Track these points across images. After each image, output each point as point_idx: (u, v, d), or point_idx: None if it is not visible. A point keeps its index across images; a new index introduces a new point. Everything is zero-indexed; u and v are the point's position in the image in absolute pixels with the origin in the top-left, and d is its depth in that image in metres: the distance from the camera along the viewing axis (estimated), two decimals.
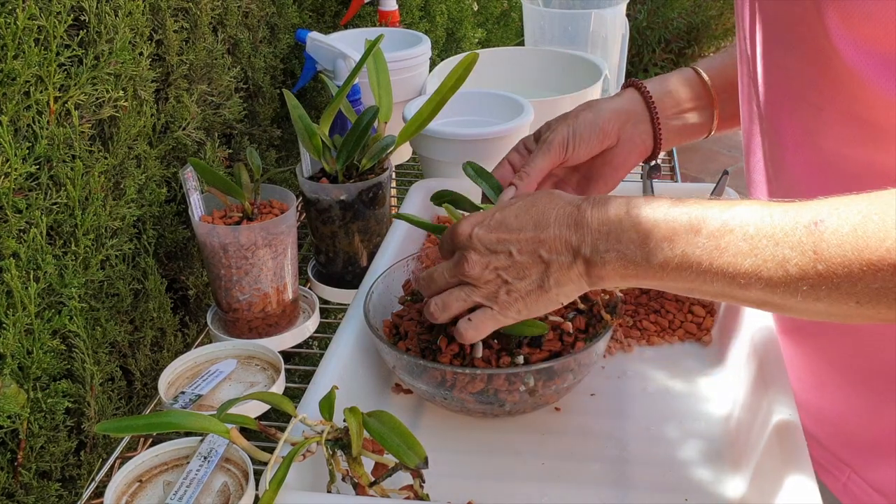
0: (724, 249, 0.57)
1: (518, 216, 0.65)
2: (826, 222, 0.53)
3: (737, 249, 0.56)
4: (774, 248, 0.55)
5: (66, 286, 0.83)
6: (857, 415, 0.75)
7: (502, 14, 2.25)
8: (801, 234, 0.54)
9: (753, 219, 0.56)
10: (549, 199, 0.65)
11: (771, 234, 0.55)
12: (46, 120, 0.81)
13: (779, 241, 0.55)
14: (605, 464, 0.73)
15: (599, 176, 0.86)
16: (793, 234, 0.54)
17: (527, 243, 0.64)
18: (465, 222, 0.68)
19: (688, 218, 0.58)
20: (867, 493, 0.75)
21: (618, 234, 0.61)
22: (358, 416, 0.62)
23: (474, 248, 0.66)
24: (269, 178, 1.24)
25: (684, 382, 0.83)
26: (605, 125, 0.84)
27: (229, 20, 1.14)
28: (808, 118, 0.66)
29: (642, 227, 0.60)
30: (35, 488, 0.82)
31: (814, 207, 0.55)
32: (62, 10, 0.80)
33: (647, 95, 0.87)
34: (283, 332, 0.93)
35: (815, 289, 0.54)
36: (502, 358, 0.74)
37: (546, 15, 1.57)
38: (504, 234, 0.65)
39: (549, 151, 0.81)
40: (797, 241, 0.54)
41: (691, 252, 0.58)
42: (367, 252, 1.00)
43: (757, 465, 0.67)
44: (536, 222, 0.64)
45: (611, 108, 0.85)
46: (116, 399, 0.93)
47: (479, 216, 0.68)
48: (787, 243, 0.54)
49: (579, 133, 0.82)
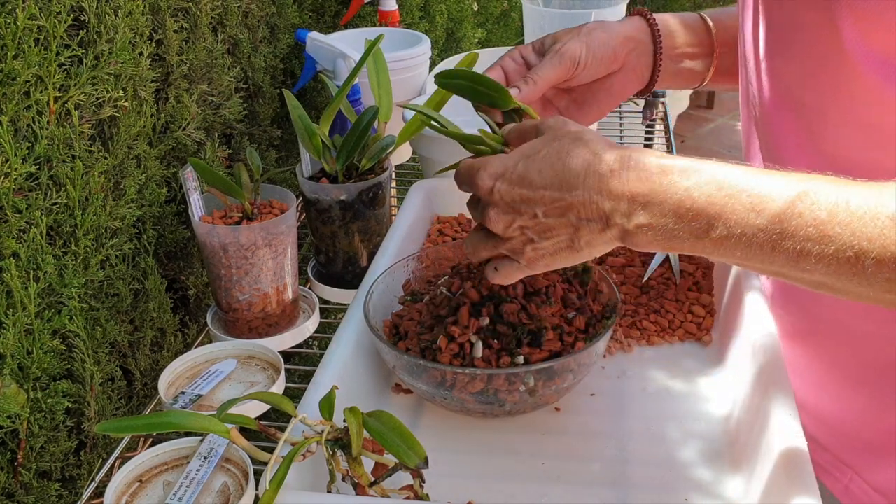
0: (790, 236, 0.51)
1: (542, 171, 0.59)
2: None
3: (805, 235, 0.51)
4: (850, 237, 0.49)
5: (66, 286, 0.83)
6: (857, 416, 0.75)
7: (502, 14, 2.25)
8: (883, 224, 0.49)
9: (826, 201, 0.50)
10: (576, 148, 0.58)
11: (847, 223, 0.49)
12: (46, 120, 0.81)
13: (855, 230, 0.49)
14: (605, 464, 0.73)
15: (594, 101, 0.82)
16: (873, 224, 0.49)
17: (553, 204, 0.59)
18: (484, 173, 0.62)
19: (747, 195, 0.52)
20: (868, 494, 0.75)
21: (660, 205, 0.55)
22: (358, 416, 0.62)
23: (496, 205, 0.61)
24: (269, 178, 1.25)
25: (684, 382, 0.83)
26: (617, 48, 0.79)
27: (229, 20, 1.14)
28: (810, 122, 0.66)
29: (690, 200, 0.54)
30: (35, 488, 0.82)
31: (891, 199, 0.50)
32: (62, 10, 0.80)
33: (656, 28, 0.82)
34: (283, 332, 0.93)
35: (892, 281, 0.49)
36: (502, 358, 0.74)
37: (546, 15, 1.56)
38: (528, 191, 0.59)
39: (560, 64, 0.75)
40: (878, 232, 0.49)
41: (751, 235, 0.52)
42: (367, 252, 1.00)
43: (757, 465, 0.67)
44: (563, 180, 0.58)
45: (623, 33, 0.80)
46: (116, 399, 0.93)
47: (499, 165, 0.61)
48: (866, 235, 0.49)
49: (593, 51, 0.77)
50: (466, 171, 0.64)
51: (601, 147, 0.58)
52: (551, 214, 0.59)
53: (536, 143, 0.61)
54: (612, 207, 0.57)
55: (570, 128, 0.61)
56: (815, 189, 0.51)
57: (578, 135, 0.60)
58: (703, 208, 0.54)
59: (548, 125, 0.63)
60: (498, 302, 0.76)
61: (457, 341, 0.74)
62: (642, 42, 0.82)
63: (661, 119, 1.53)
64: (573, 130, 0.61)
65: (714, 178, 0.54)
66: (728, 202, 0.53)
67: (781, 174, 0.54)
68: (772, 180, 0.53)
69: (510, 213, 0.61)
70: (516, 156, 0.62)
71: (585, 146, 0.59)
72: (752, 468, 0.68)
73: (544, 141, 0.61)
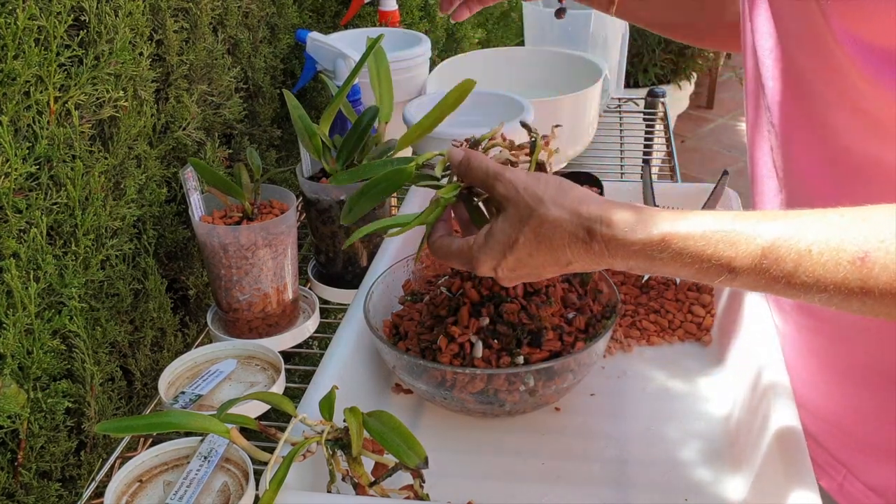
0: (762, 287, 0.55)
1: (532, 254, 0.62)
2: (872, 256, 0.51)
3: (777, 289, 0.54)
4: (815, 284, 0.53)
5: (66, 286, 0.83)
6: (855, 414, 0.75)
7: (502, 14, 2.25)
8: (845, 271, 0.52)
9: (791, 255, 0.53)
10: (547, 231, 0.61)
11: (811, 271, 0.53)
12: (46, 120, 0.81)
13: (819, 278, 0.52)
14: (605, 464, 0.73)
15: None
16: (835, 272, 0.52)
17: (557, 268, 0.63)
18: (480, 265, 0.64)
19: (717, 259, 0.55)
20: (864, 493, 0.76)
21: (648, 265, 0.58)
22: (358, 416, 0.62)
23: (503, 279, 0.65)
24: (269, 178, 1.24)
25: (684, 382, 0.83)
26: None
27: (229, 20, 1.14)
28: (818, 112, 0.67)
29: (665, 269, 0.58)
30: (35, 488, 0.82)
31: (855, 236, 0.52)
32: (62, 10, 0.80)
33: None
34: (283, 332, 0.93)
35: (863, 313, 0.53)
36: (502, 358, 0.74)
37: (546, 15, 1.57)
38: (527, 269, 0.63)
39: None
40: (841, 279, 0.52)
41: (726, 286, 0.57)
42: (367, 252, 1.01)
43: (757, 465, 0.67)
44: (555, 258, 0.61)
45: None
46: (116, 399, 0.93)
47: (488, 258, 0.64)
48: (830, 281, 0.52)
49: None
50: (460, 263, 0.67)
51: (573, 212, 0.60)
52: (559, 273, 0.64)
53: (507, 229, 0.62)
54: (608, 265, 0.60)
55: (528, 203, 0.61)
56: (778, 244, 0.54)
57: (542, 218, 0.60)
58: (677, 271, 0.58)
59: (503, 197, 0.63)
60: (498, 302, 0.76)
61: (457, 341, 0.74)
62: None
63: (660, 119, 1.53)
64: (536, 214, 0.61)
65: (682, 250, 0.56)
66: (702, 267, 0.56)
67: (747, 225, 0.55)
68: (739, 236, 0.55)
69: (519, 280, 0.65)
70: (498, 248, 0.63)
71: (557, 228, 0.60)
72: (752, 468, 0.68)
73: (514, 227, 0.62)
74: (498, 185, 0.63)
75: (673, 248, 0.56)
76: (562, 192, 0.61)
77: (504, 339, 0.75)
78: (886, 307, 0.52)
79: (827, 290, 0.52)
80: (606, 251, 0.59)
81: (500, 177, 0.63)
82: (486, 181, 0.64)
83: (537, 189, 0.61)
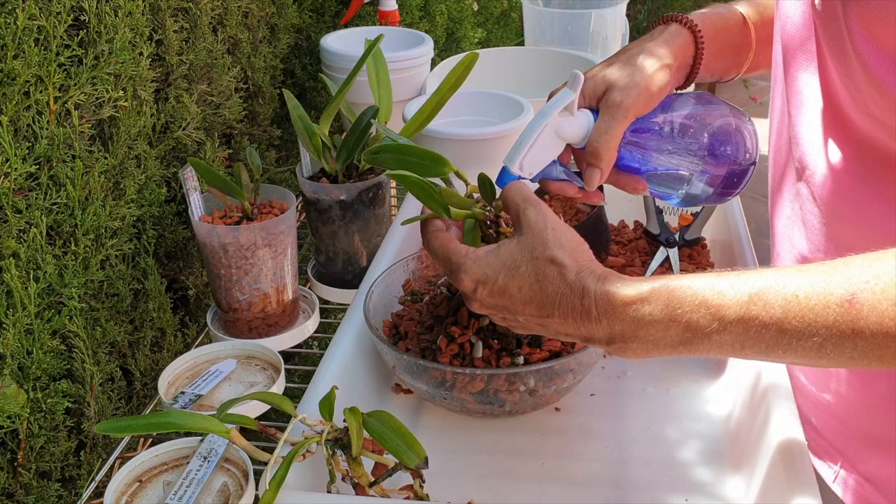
0: (753, 338, 0.55)
1: (521, 288, 0.62)
2: (860, 297, 0.51)
3: (766, 340, 0.55)
4: (806, 329, 0.53)
5: (66, 286, 0.83)
6: (853, 403, 0.75)
7: (502, 14, 2.25)
8: (835, 314, 0.52)
9: (778, 300, 0.54)
10: (551, 273, 0.61)
11: (801, 316, 0.53)
12: (46, 120, 0.81)
13: (810, 322, 0.53)
14: (605, 464, 0.73)
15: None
16: (825, 314, 0.52)
17: (533, 317, 0.62)
18: (465, 276, 0.64)
19: (706, 308, 0.56)
20: (859, 482, 0.76)
21: (633, 336, 0.59)
22: (358, 416, 0.62)
23: (477, 300, 0.64)
24: (269, 178, 1.25)
25: (684, 383, 0.83)
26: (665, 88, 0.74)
27: (229, 20, 1.14)
28: (838, 109, 0.67)
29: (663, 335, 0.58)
30: (35, 488, 0.82)
31: (840, 280, 0.53)
32: (62, 10, 0.80)
33: (700, 44, 0.77)
34: (283, 332, 0.93)
35: (855, 360, 0.53)
36: (502, 358, 0.74)
37: (546, 15, 1.57)
38: (507, 301, 0.63)
39: (624, 118, 0.72)
40: (831, 321, 0.52)
41: (718, 347, 0.57)
42: (367, 252, 1.00)
43: (757, 465, 0.67)
44: (541, 303, 0.61)
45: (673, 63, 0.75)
46: (116, 399, 0.93)
47: (479, 271, 0.63)
48: (821, 324, 0.52)
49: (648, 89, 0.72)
50: (445, 262, 0.66)
51: (575, 273, 0.61)
52: (531, 322, 0.63)
53: (515, 253, 0.63)
54: (589, 332, 0.60)
55: (548, 240, 0.62)
56: (765, 293, 0.55)
57: (553, 258, 0.61)
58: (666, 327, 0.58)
59: (528, 224, 0.64)
60: None
61: (457, 341, 0.74)
62: (685, 63, 0.79)
63: None
64: (549, 253, 0.62)
65: (671, 300, 0.57)
66: (691, 319, 0.56)
67: (730, 277, 0.57)
68: (725, 286, 0.56)
69: (491, 309, 0.65)
70: (497, 265, 0.63)
71: (559, 274, 0.61)
72: (752, 468, 0.68)
73: (523, 254, 0.63)
74: (531, 210, 0.64)
75: (663, 298, 0.57)
76: (580, 250, 0.63)
77: (504, 339, 0.75)
78: (879, 349, 0.52)
79: (818, 333, 0.53)
80: (595, 307, 0.59)
81: (539, 206, 0.64)
82: (521, 204, 0.65)
83: (562, 235, 0.63)
